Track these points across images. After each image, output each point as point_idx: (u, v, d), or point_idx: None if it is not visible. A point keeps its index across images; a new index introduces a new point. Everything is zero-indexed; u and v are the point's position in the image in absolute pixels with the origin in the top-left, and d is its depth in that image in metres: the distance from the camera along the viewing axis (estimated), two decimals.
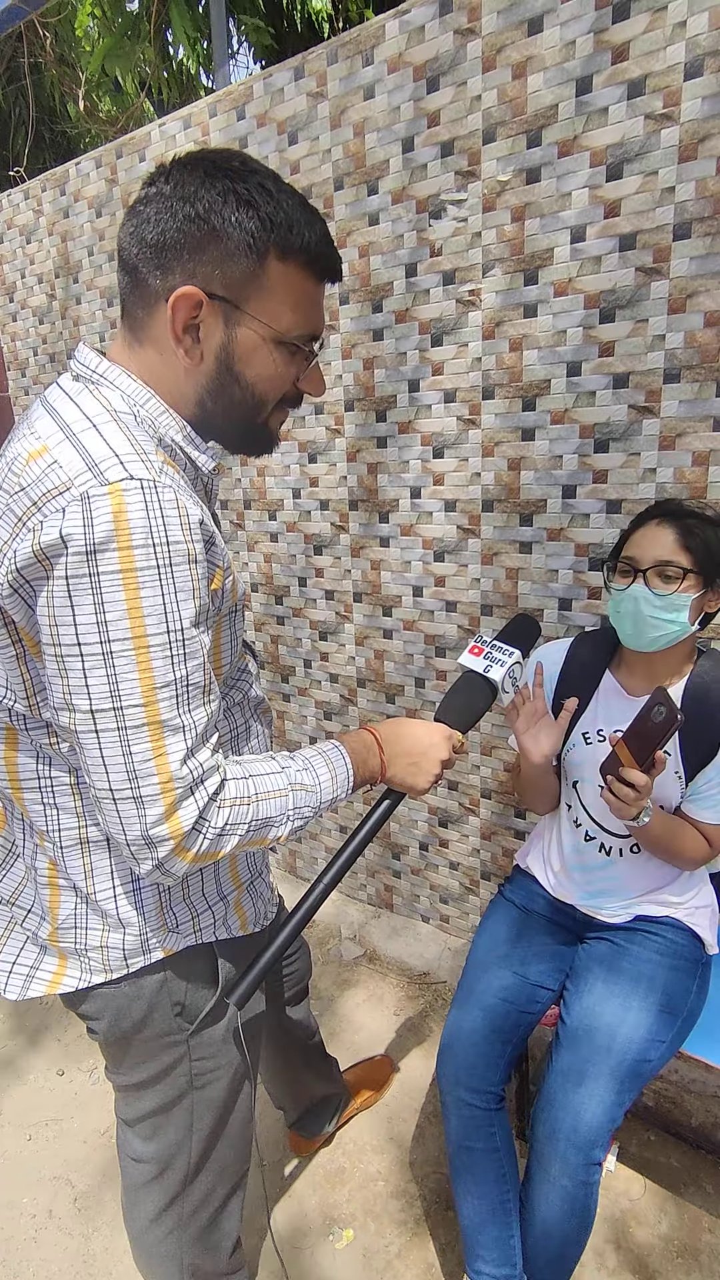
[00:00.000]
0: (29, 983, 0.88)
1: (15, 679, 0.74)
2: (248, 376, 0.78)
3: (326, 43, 1.67)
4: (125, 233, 0.75)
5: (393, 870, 2.20)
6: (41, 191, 2.35)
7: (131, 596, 0.66)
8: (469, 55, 1.48)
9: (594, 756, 1.29)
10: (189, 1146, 0.98)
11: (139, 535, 0.65)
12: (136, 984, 0.87)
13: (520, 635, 1.08)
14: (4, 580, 0.67)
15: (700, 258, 1.33)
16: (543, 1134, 1.18)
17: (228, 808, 0.75)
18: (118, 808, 0.71)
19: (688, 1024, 1.25)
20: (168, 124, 1.99)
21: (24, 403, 2.74)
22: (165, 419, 0.78)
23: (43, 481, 0.66)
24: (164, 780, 0.70)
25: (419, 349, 1.71)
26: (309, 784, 0.83)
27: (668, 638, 1.17)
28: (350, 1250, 1.45)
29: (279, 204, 0.73)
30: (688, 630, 1.17)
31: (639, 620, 1.17)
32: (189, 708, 0.71)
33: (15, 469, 0.69)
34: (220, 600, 0.79)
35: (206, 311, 0.74)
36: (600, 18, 1.32)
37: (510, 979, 1.32)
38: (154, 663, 0.68)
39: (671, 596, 1.14)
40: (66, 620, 0.66)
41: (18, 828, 0.87)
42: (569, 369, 1.51)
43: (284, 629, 2.21)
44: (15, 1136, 1.72)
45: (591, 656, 1.34)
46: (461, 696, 1.03)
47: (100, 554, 0.64)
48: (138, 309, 0.76)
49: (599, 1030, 1.20)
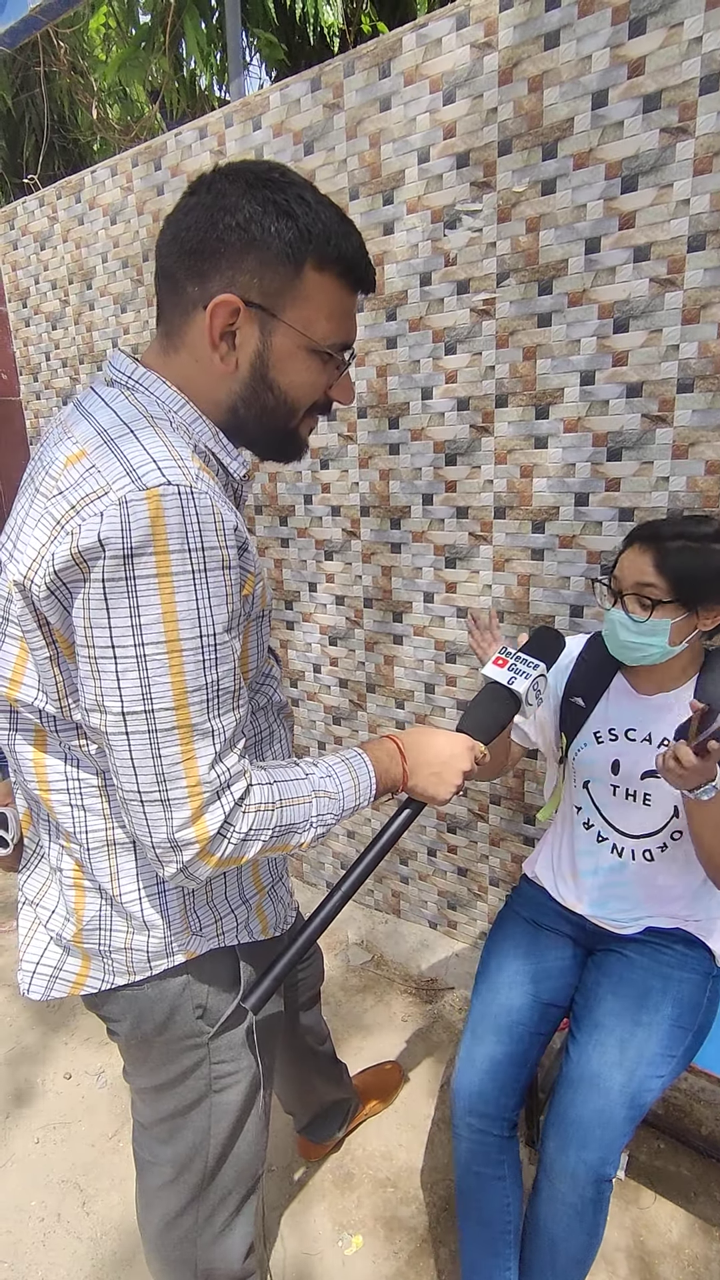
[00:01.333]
0: (53, 983, 0.89)
1: (48, 680, 0.74)
2: (281, 384, 0.79)
3: (344, 55, 1.69)
4: (164, 240, 0.77)
5: (400, 876, 2.20)
6: (56, 199, 2.37)
7: (167, 600, 0.66)
8: (485, 68, 1.49)
9: (605, 756, 1.30)
10: (206, 1150, 0.98)
11: (175, 540, 0.66)
12: (159, 986, 0.88)
13: (544, 648, 1.08)
14: (42, 583, 0.68)
15: (714, 269, 1.34)
16: (553, 1149, 1.16)
17: (253, 813, 0.76)
18: (145, 810, 0.71)
19: (699, 1037, 1.24)
20: (184, 133, 2.01)
21: (35, 407, 2.75)
22: (199, 425, 0.79)
23: (81, 486, 0.67)
24: (192, 784, 0.71)
25: (432, 357, 1.73)
26: (332, 791, 0.84)
27: (650, 659, 1.20)
28: (359, 1257, 1.45)
29: (317, 215, 0.74)
30: (668, 653, 1.19)
31: (620, 643, 1.21)
32: (219, 712, 0.72)
33: (53, 473, 0.70)
34: (250, 605, 0.80)
35: (243, 319, 0.75)
36: (616, 33, 1.34)
37: (522, 1000, 1.31)
38: (186, 667, 0.69)
39: (647, 623, 1.16)
40: (101, 622, 0.67)
41: (43, 829, 0.87)
42: (582, 378, 1.53)
43: (294, 634, 2.22)
44: (23, 1140, 1.72)
45: (603, 657, 1.34)
46: (485, 708, 1.03)
47: (137, 558, 0.65)
48: (174, 315, 0.78)
49: (609, 1045, 1.19)
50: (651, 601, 1.15)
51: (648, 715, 1.27)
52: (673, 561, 1.15)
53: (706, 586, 1.15)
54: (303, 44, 3.98)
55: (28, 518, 0.71)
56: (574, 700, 1.35)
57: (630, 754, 1.28)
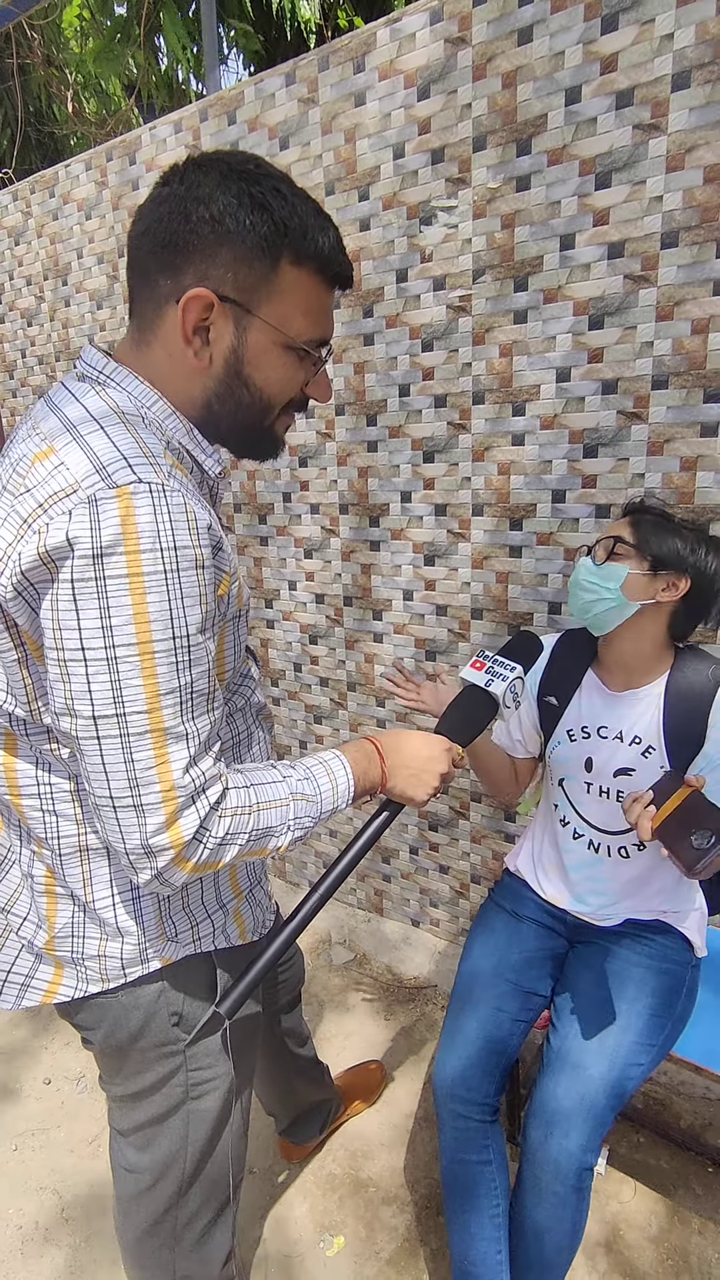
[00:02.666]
0: (24, 992, 0.87)
1: (16, 683, 0.73)
2: (256, 380, 0.77)
3: (318, 49, 1.67)
4: (135, 232, 0.75)
5: (383, 874, 2.20)
6: (30, 193, 2.33)
7: (138, 601, 0.65)
8: (460, 64, 1.49)
9: (579, 753, 1.30)
10: (184, 1157, 0.97)
11: (146, 539, 0.64)
12: (133, 993, 0.87)
13: (522, 651, 1.08)
14: (8, 583, 0.66)
15: (687, 266, 1.35)
16: (535, 1138, 1.18)
17: (229, 817, 0.74)
18: (118, 816, 0.70)
19: (677, 1027, 1.26)
20: (158, 127, 1.99)
21: (11, 405, 2.71)
22: (172, 421, 0.77)
23: (49, 483, 0.65)
24: (166, 789, 0.69)
25: (409, 354, 1.72)
26: (310, 794, 0.82)
27: (603, 606, 1.20)
28: (341, 1258, 1.44)
29: (294, 208, 0.72)
30: (623, 607, 1.18)
31: (577, 587, 1.22)
32: (192, 715, 0.71)
33: (20, 470, 0.68)
34: (226, 606, 0.79)
35: (217, 314, 0.73)
36: (589, 29, 1.34)
37: (504, 987, 1.32)
38: (158, 669, 0.67)
39: (606, 567, 1.18)
40: (71, 624, 0.65)
41: (14, 835, 0.86)
42: (558, 374, 1.53)
43: (274, 633, 2.21)
44: (1, 1147, 1.69)
45: (573, 655, 1.35)
46: (463, 710, 1.03)
47: (107, 558, 0.64)
48: (147, 309, 0.76)
49: (590, 1034, 1.20)
50: (621, 547, 1.18)
51: (618, 712, 1.28)
52: (646, 522, 1.20)
53: (671, 549, 1.17)
54: (279, 39, 3.95)
55: None
56: (548, 700, 1.36)
57: (602, 751, 1.28)
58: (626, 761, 1.26)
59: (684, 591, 1.18)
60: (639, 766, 1.25)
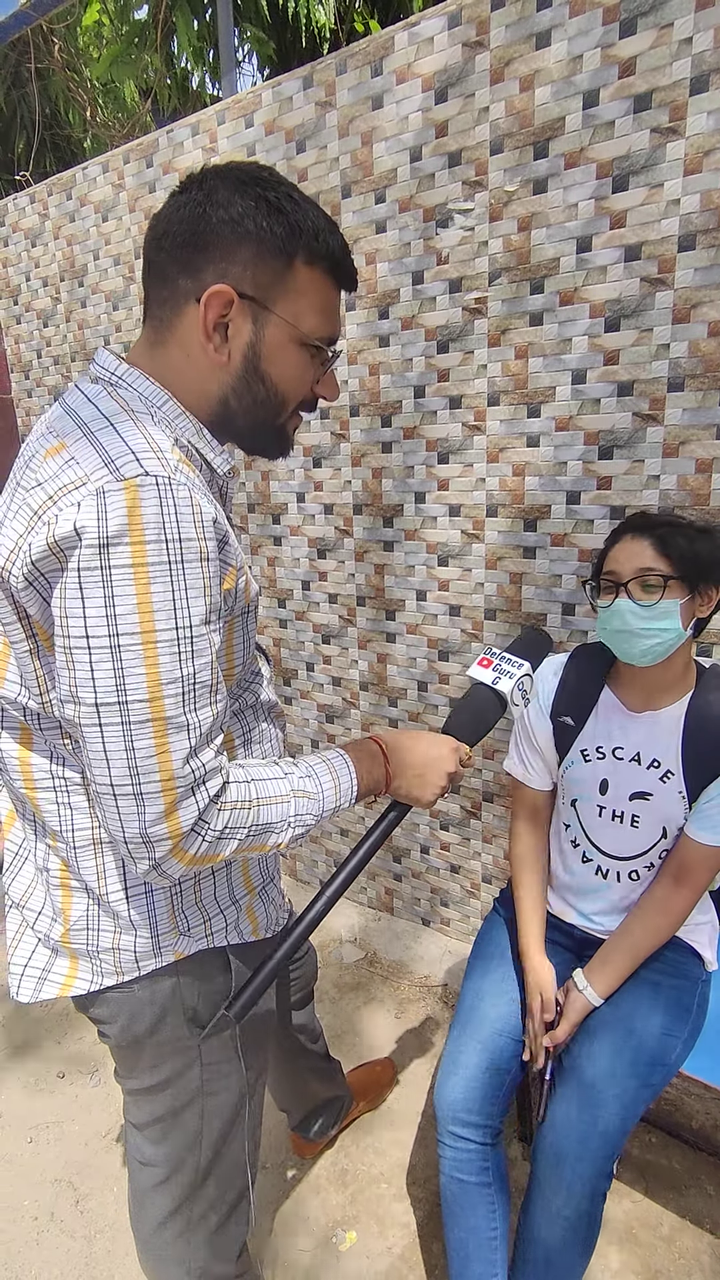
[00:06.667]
0: (41, 985, 0.89)
1: (29, 675, 0.74)
2: (272, 375, 0.80)
3: (336, 53, 1.69)
4: (153, 236, 0.78)
5: (394, 873, 2.21)
6: (48, 195, 2.36)
7: (142, 591, 0.66)
8: (477, 67, 1.49)
9: (593, 774, 1.27)
10: (198, 1150, 0.98)
11: (152, 530, 0.66)
12: (149, 987, 0.88)
13: (530, 648, 1.06)
14: (20, 574, 0.68)
15: (705, 269, 1.35)
16: (546, 1163, 1.15)
17: (228, 811, 0.75)
18: (117, 803, 0.70)
19: (689, 1044, 1.23)
20: (175, 130, 2.01)
21: (27, 405, 2.74)
22: (182, 421, 0.79)
23: (59, 477, 0.67)
24: (165, 778, 0.70)
25: (425, 355, 1.73)
26: (311, 791, 0.83)
27: (663, 646, 1.15)
28: (353, 1253, 1.45)
29: (306, 212, 0.76)
30: (681, 636, 1.15)
31: (630, 635, 1.15)
32: (194, 706, 0.71)
33: (33, 466, 0.71)
34: (233, 600, 0.80)
35: (236, 310, 0.76)
36: (607, 33, 1.34)
37: (507, 1007, 1.30)
38: (161, 659, 0.68)
39: (657, 605, 1.12)
40: (76, 612, 0.66)
41: (29, 829, 0.87)
42: (574, 376, 1.53)
43: (287, 632, 2.22)
44: (16, 1139, 1.71)
45: (589, 671, 1.31)
46: (470, 709, 1.01)
47: (113, 547, 0.65)
48: (164, 310, 0.78)
49: (602, 1055, 1.18)
50: (661, 580, 1.12)
51: (637, 734, 1.24)
52: (672, 543, 1.13)
53: (706, 567, 1.13)
54: (294, 43, 3.97)
55: (8, 511, 0.71)
56: (563, 720, 1.31)
57: (619, 774, 1.25)
58: (644, 785, 1.23)
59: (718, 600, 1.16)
60: (656, 791, 1.22)
